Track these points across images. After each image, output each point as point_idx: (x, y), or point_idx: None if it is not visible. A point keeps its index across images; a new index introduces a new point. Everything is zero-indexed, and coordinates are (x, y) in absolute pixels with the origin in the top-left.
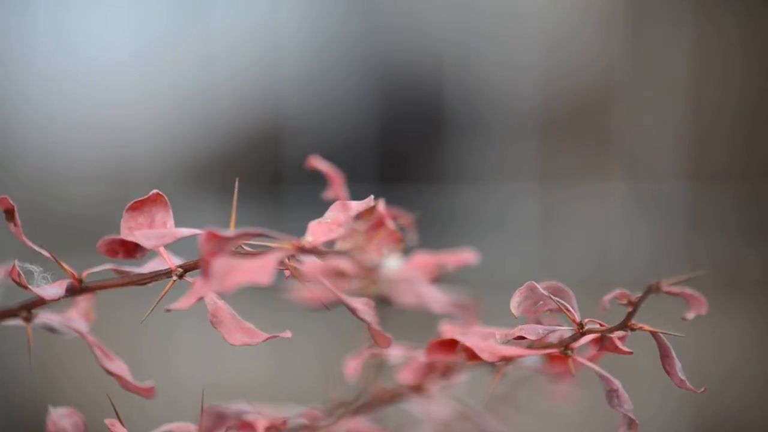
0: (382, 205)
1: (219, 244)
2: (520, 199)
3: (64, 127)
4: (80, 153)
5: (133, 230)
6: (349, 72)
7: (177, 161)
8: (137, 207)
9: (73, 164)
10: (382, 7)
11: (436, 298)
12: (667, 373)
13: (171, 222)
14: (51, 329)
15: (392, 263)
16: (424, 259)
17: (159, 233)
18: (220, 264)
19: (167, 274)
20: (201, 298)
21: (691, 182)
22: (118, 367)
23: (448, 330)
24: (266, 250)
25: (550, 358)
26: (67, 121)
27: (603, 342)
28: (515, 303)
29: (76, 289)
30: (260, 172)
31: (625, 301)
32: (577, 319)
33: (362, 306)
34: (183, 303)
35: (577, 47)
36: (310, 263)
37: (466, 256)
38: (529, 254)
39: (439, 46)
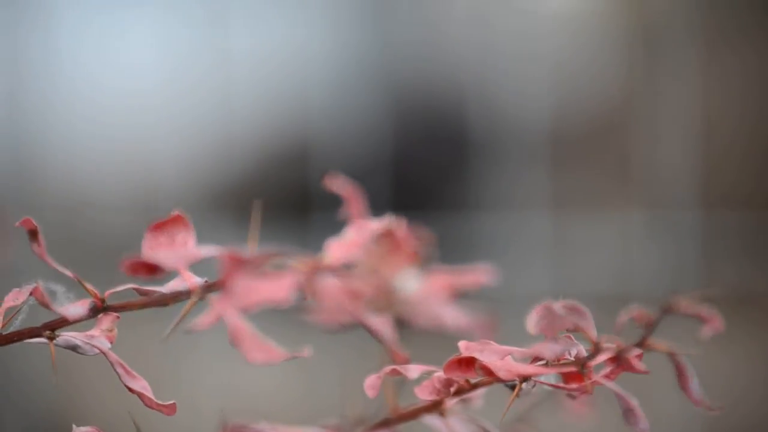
0: (401, 226)
1: (238, 263)
2: (535, 225)
3: (89, 151)
4: (105, 177)
5: (155, 250)
6: (367, 96)
7: (202, 186)
8: (159, 227)
9: (98, 188)
10: (402, 31)
11: (453, 318)
12: (684, 391)
13: (192, 242)
14: (74, 348)
15: (410, 284)
16: (442, 278)
17: (180, 253)
18: (239, 284)
19: (187, 294)
20: (220, 318)
21: (703, 209)
22: (140, 384)
23: (465, 348)
24: (285, 270)
25: (567, 376)
26: (92, 146)
27: (619, 360)
28: (532, 322)
29: (98, 309)
30: (286, 197)
31: (641, 321)
32: (594, 337)
33: (379, 324)
34: (202, 323)
35: (591, 74)
36: (328, 283)
37: (483, 273)
38: (544, 276)
39: (458, 72)
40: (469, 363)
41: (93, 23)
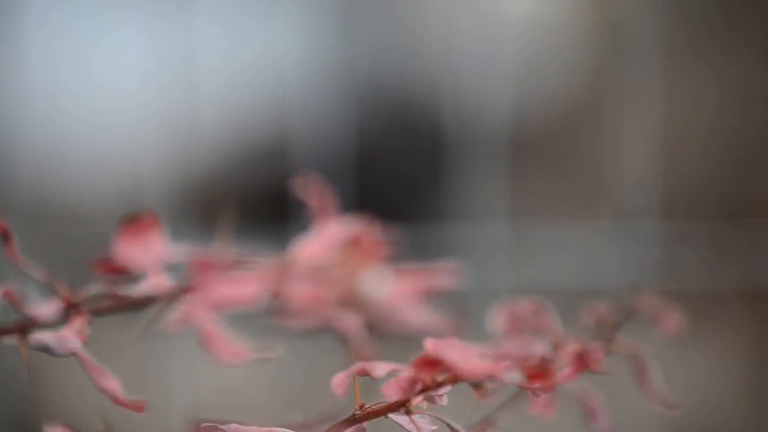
0: (369, 226)
1: (208, 266)
2: (495, 234)
3: (63, 153)
4: (81, 181)
5: (125, 252)
6: (335, 98)
7: (175, 186)
8: (130, 228)
9: (72, 192)
10: (370, 33)
11: (421, 320)
12: (643, 389)
13: (163, 244)
14: (45, 348)
15: (379, 286)
16: (411, 280)
17: (150, 255)
18: (208, 286)
19: (157, 297)
20: (189, 320)
21: (665, 218)
22: (110, 383)
23: (432, 346)
24: (255, 272)
25: (531, 375)
26: (66, 149)
27: (581, 360)
28: (496, 320)
29: (69, 311)
30: (262, 198)
31: (604, 320)
32: (557, 337)
33: (346, 323)
34: (171, 325)
35: (554, 81)
36: (297, 286)
37: (450, 273)
38: (504, 280)
39: (424, 78)
40: (435, 362)
41: (67, 26)
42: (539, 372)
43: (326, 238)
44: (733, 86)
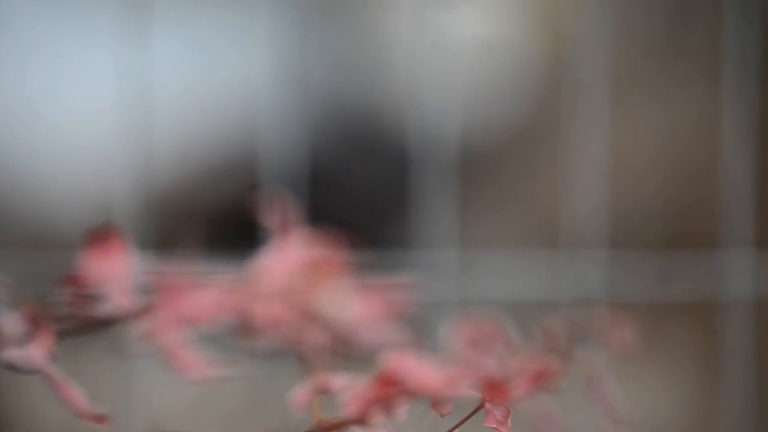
0: (329, 243)
1: (171, 284)
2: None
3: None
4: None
5: (90, 269)
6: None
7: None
8: (95, 245)
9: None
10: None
11: (380, 336)
12: (596, 405)
13: (129, 261)
14: (10, 366)
15: (338, 302)
16: (370, 296)
17: (114, 272)
18: (172, 304)
19: (121, 315)
20: (153, 338)
21: (612, 248)
22: (74, 396)
23: (390, 362)
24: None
25: (487, 390)
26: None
27: (537, 376)
28: (451, 335)
29: (34, 328)
30: (229, 216)
31: (558, 337)
32: (514, 351)
33: (306, 340)
34: (135, 343)
35: (500, 109)
36: (257, 305)
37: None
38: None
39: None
40: (393, 378)
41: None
42: (495, 387)
43: (287, 255)
44: (681, 115)
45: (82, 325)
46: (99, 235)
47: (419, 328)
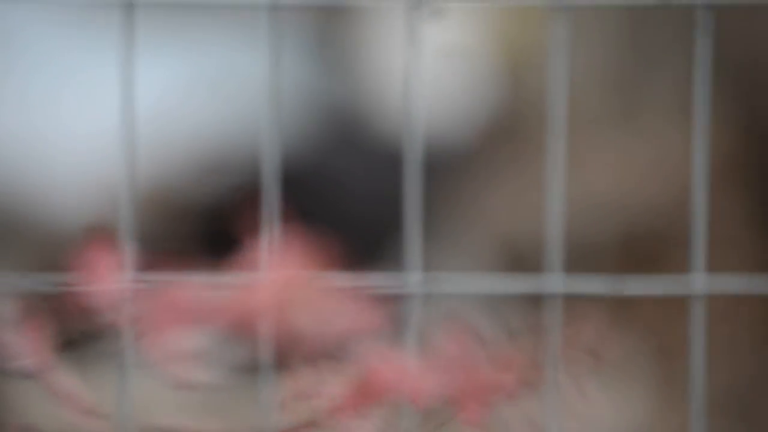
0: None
1: (163, 296)
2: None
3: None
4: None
5: (83, 277)
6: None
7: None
8: (85, 255)
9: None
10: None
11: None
12: (580, 402)
13: (119, 271)
14: (8, 371)
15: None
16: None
17: (105, 283)
18: (161, 317)
19: (113, 323)
20: (143, 345)
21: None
22: (72, 398)
23: (370, 365)
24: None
25: (468, 391)
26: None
27: (518, 376)
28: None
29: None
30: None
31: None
32: (495, 352)
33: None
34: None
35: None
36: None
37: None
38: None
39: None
40: (373, 381)
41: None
42: (477, 389)
43: (272, 263)
44: (640, 147)
45: (76, 333)
46: (95, 241)
47: (396, 329)
